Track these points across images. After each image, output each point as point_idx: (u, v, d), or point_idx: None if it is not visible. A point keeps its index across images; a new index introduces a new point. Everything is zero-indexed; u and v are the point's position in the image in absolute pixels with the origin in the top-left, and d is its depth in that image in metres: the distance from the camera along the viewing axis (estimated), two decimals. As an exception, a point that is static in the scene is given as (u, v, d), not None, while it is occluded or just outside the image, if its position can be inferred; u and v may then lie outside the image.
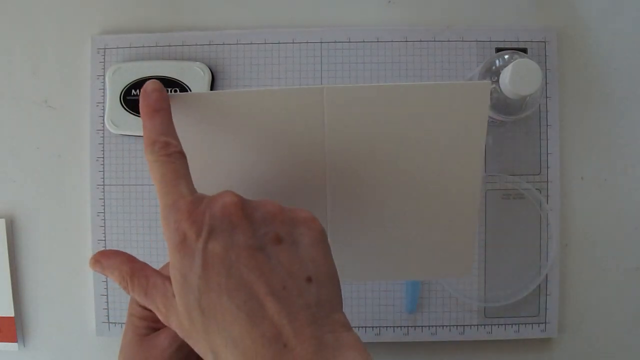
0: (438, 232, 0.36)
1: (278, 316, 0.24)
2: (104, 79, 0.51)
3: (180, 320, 0.27)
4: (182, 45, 0.52)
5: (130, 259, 0.31)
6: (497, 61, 0.45)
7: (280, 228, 0.27)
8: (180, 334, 0.27)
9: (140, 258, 0.51)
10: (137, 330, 0.36)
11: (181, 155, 0.29)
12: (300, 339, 0.24)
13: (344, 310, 0.27)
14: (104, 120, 0.51)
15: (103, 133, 0.52)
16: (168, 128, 0.29)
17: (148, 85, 0.30)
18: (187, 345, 0.35)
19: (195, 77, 0.50)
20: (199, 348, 0.27)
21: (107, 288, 0.52)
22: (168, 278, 0.28)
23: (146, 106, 0.30)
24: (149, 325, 0.36)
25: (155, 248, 0.52)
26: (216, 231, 0.26)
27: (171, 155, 0.28)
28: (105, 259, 0.31)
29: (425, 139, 0.33)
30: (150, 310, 0.37)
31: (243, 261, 0.25)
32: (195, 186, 0.30)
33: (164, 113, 0.30)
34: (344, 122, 0.33)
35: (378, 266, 0.37)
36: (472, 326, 0.51)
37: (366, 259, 0.36)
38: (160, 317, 0.29)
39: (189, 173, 0.29)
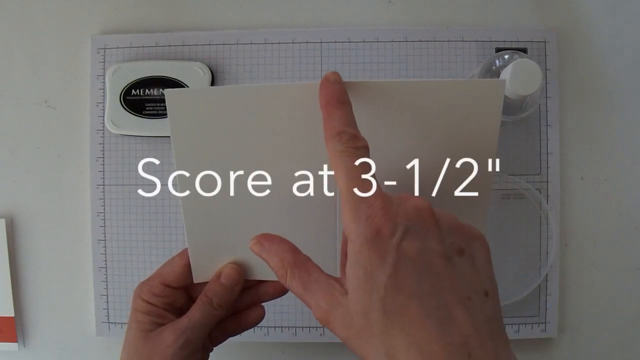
0: None
1: (466, 326, 0.24)
2: (104, 79, 0.51)
3: (349, 318, 0.26)
4: (182, 45, 0.52)
5: (293, 249, 0.30)
6: (497, 61, 0.45)
7: (462, 240, 0.27)
8: (343, 333, 0.26)
9: (140, 258, 0.52)
10: (142, 325, 0.36)
11: (367, 150, 0.28)
12: (482, 351, 0.24)
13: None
14: (104, 120, 0.51)
15: (103, 133, 0.52)
16: (353, 121, 0.29)
17: (330, 75, 0.30)
18: (193, 342, 0.35)
19: (195, 77, 0.50)
20: (367, 350, 0.25)
21: (107, 288, 0.52)
22: (332, 277, 0.28)
23: (331, 96, 0.29)
24: (153, 320, 0.36)
25: (155, 248, 0.52)
26: (410, 232, 0.25)
27: (360, 149, 0.27)
28: (269, 243, 0.30)
29: (433, 136, 0.33)
30: (156, 305, 0.36)
31: (434, 268, 0.25)
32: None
33: (348, 106, 0.29)
34: None
35: None
36: (472, 326, 0.51)
37: None
38: (317, 313, 0.28)
39: (374, 169, 0.28)
